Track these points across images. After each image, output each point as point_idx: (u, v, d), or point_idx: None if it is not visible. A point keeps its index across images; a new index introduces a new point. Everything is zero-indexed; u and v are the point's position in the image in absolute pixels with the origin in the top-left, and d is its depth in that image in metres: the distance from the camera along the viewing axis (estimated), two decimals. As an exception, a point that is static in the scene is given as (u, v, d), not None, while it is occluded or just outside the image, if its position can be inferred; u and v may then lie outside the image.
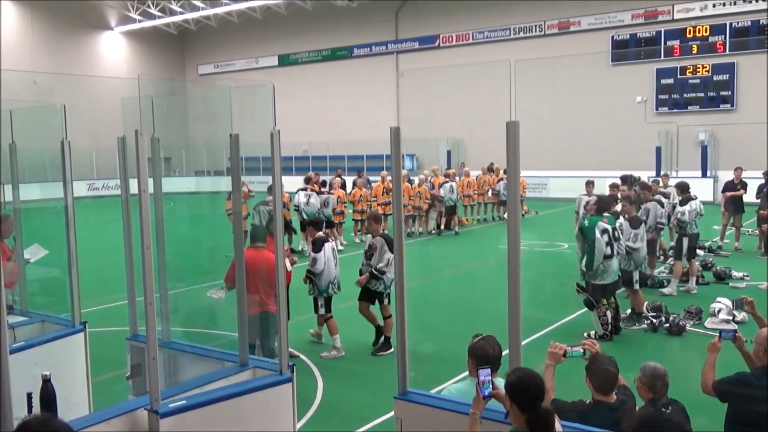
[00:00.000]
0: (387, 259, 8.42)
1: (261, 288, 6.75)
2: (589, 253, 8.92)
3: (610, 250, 8.93)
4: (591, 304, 9.02)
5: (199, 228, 16.76)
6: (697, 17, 27.69)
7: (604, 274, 8.93)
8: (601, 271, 8.90)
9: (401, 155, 4.03)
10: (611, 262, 8.97)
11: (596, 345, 4.41)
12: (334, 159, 35.32)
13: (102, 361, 6.50)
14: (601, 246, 8.85)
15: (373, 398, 7.01)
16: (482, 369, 3.55)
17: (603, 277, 8.94)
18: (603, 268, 8.91)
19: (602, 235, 8.90)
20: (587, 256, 8.96)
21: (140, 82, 34.22)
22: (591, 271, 8.91)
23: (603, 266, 8.90)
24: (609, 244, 8.93)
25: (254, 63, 40.99)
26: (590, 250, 8.90)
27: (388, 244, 8.48)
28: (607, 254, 8.91)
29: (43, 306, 6.17)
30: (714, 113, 27.43)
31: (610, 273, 8.99)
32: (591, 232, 8.93)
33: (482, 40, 32.89)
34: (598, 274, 8.92)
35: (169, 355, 4.83)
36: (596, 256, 8.85)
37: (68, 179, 5.45)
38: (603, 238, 8.89)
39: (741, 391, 4.37)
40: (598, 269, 8.88)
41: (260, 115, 29.82)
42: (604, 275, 8.94)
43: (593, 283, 8.98)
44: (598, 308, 8.96)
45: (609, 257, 8.93)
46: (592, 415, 4.09)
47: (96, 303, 10.24)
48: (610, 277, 9.01)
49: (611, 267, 8.98)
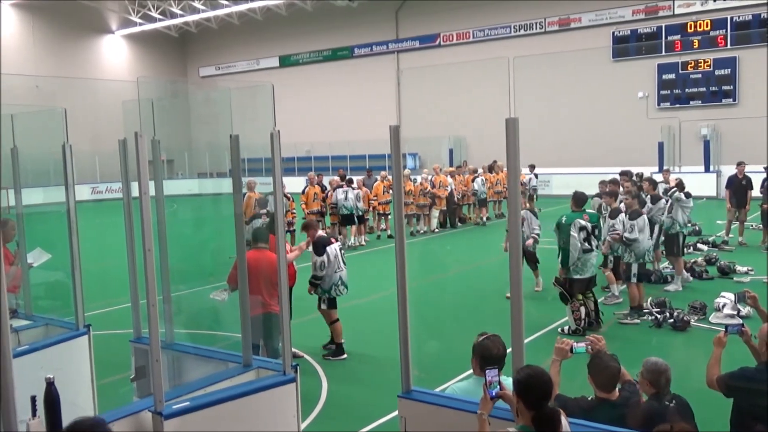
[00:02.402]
0: (314, 263, 8.33)
1: (264, 289, 6.75)
2: (565, 249, 8.99)
3: (588, 245, 9.01)
4: (565, 298, 9.10)
5: (202, 230, 16.78)
6: (697, 12, 27.62)
7: (583, 269, 8.99)
8: (579, 266, 8.96)
9: (402, 154, 4.03)
10: (589, 257, 9.05)
11: (602, 341, 4.40)
12: (336, 159, 35.32)
13: (106, 363, 6.51)
14: (576, 243, 8.90)
15: (378, 397, 7.01)
16: (489, 369, 3.54)
17: (581, 272, 9.00)
18: (581, 263, 8.97)
19: (579, 233, 8.95)
20: (563, 252, 9.05)
21: (141, 84, 34.23)
22: (567, 267, 8.97)
23: (581, 261, 8.96)
24: (587, 240, 9.00)
25: (255, 64, 41.01)
26: (566, 247, 8.97)
27: (315, 248, 8.38)
28: (586, 248, 8.99)
29: (47, 309, 6.18)
30: (716, 108, 27.36)
31: (589, 267, 9.06)
32: (567, 228, 8.99)
33: (483, 38, 32.86)
34: (577, 269, 8.98)
35: (172, 356, 4.84)
36: (571, 252, 8.91)
37: (70, 183, 5.46)
38: (580, 235, 8.95)
39: (746, 385, 4.36)
40: (576, 264, 8.94)
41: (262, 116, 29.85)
42: (583, 270, 9.00)
43: (572, 278, 9.02)
44: (572, 303, 9.03)
45: (588, 251, 9.02)
46: (595, 412, 4.08)
47: (100, 306, 10.26)
48: (589, 272, 9.07)
49: (589, 261, 9.06)
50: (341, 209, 16.92)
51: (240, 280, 4.63)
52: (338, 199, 16.90)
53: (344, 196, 16.94)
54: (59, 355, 5.24)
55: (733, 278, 11.75)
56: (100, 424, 3.03)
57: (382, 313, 9.45)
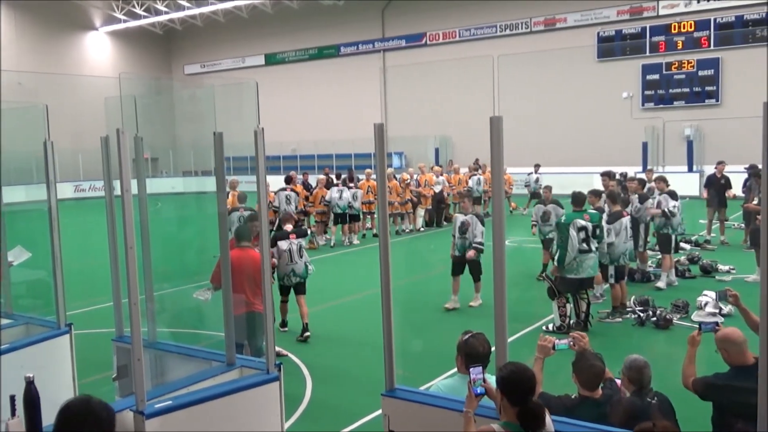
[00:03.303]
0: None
1: (247, 287, 6.72)
2: (562, 248, 8.96)
3: (586, 245, 8.93)
4: (553, 293, 9.08)
5: (186, 228, 16.70)
6: (681, 13, 27.85)
7: (579, 269, 8.93)
8: (575, 265, 8.91)
9: (388, 153, 4.03)
10: (586, 257, 8.94)
11: (585, 338, 4.42)
12: (322, 158, 35.26)
13: (88, 362, 6.47)
14: (574, 243, 8.85)
15: (362, 396, 7.00)
16: (474, 367, 3.55)
17: (577, 272, 8.94)
18: (578, 263, 8.91)
19: (578, 232, 8.91)
20: (560, 251, 9.00)
21: (124, 81, 33.96)
22: (562, 266, 8.94)
23: (578, 261, 8.90)
24: (585, 241, 8.94)
25: (241, 62, 40.84)
26: (563, 246, 8.94)
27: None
28: (584, 249, 8.92)
29: (28, 308, 6.13)
30: (699, 108, 27.60)
31: (586, 268, 8.95)
32: (566, 228, 8.96)
33: (469, 38, 32.93)
34: (573, 269, 8.93)
35: (155, 355, 4.81)
36: (568, 252, 8.85)
37: (51, 180, 5.41)
38: (579, 235, 8.90)
39: (720, 390, 4.41)
40: (571, 264, 8.90)
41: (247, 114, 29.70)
42: (579, 270, 8.93)
43: (567, 277, 8.98)
44: (559, 299, 9.03)
45: (585, 252, 8.93)
46: (578, 410, 4.11)
47: (82, 305, 10.17)
48: (585, 273, 8.98)
49: (587, 262, 8.95)
50: (334, 208, 16.99)
51: (223, 279, 4.61)
52: (332, 198, 16.97)
53: (339, 195, 17.01)
54: (40, 355, 5.19)
55: (715, 277, 11.86)
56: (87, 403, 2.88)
57: (366, 312, 9.44)
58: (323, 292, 11.06)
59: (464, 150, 30.35)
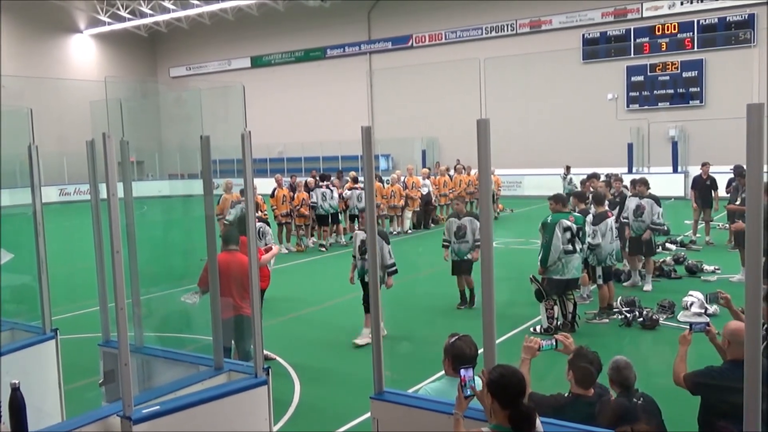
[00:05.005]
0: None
1: (235, 291, 6.70)
2: (545, 249, 8.92)
3: (571, 246, 8.92)
4: (540, 295, 9.08)
5: (173, 232, 16.60)
6: (665, 15, 28.06)
7: (564, 270, 8.91)
8: (560, 267, 8.89)
9: (375, 155, 4.03)
10: (571, 258, 8.92)
11: (569, 338, 4.45)
12: (309, 160, 35.21)
13: (74, 368, 6.41)
14: (558, 244, 8.82)
15: (351, 399, 7.00)
16: (464, 369, 3.55)
17: (562, 273, 8.92)
18: (563, 264, 8.89)
19: (563, 233, 8.89)
20: (543, 252, 8.97)
21: (109, 84, 33.77)
22: (545, 267, 8.92)
23: (563, 262, 8.88)
24: (571, 241, 8.92)
25: (227, 65, 40.72)
26: (547, 246, 8.91)
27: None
28: (569, 250, 8.90)
29: (12, 314, 6.06)
30: (684, 110, 27.82)
31: (570, 269, 8.95)
32: (551, 228, 8.92)
33: (455, 40, 33.03)
34: (558, 270, 8.91)
35: (142, 360, 4.78)
36: (551, 252, 8.83)
37: (36, 184, 5.37)
38: (565, 235, 8.88)
39: (711, 383, 4.44)
40: (555, 265, 8.88)
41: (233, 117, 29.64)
42: (564, 271, 8.91)
43: (552, 278, 8.98)
44: (547, 301, 9.04)
45: (570, 252, 8.91)
46: (570, 408, 4.12)
47: (68, 309, 10.10)
48: (570, 273, 8.97)
49: (571, 263, 8.94)
50: (318, 209, 17.05)
51: (211, 282, 4.59)
52: (317, 199, 17.02)
53: (323, 197, 17.08)
54: (25, 360, 5.14)
55: (701, 277, 11.95)
56: None
57: (353, 315, 9.43)
58: (311, 295, 11.04)
59: (451, 152, 30.41)
